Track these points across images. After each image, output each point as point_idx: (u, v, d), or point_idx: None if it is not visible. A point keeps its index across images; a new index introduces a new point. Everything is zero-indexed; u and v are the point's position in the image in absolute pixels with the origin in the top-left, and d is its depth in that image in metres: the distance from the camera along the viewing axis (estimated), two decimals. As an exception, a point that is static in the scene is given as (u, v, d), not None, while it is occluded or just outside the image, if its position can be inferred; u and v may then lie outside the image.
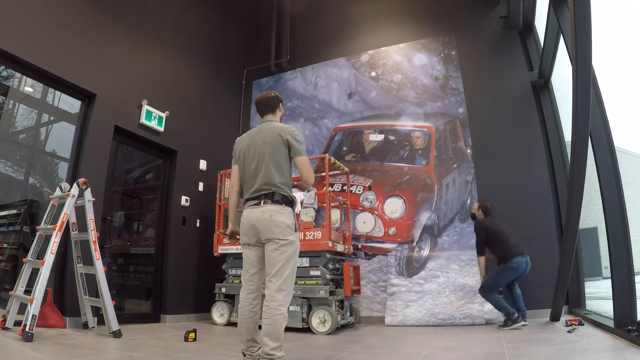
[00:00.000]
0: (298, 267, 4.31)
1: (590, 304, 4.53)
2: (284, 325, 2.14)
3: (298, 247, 2.32)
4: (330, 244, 4.33)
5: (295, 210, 2.41)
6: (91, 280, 3.54)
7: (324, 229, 4.40)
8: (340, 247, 4.65)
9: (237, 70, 6.84)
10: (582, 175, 2.86)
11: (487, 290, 4.11)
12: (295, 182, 2.58)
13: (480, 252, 4.28)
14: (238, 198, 2.53)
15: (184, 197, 5.24)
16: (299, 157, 2.34)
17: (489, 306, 4.29)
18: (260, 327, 2.19)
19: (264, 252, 2.28)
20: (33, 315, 2.83)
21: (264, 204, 2.27)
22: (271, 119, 2.53)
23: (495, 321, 4.33)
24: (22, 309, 3.02)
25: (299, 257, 4.53)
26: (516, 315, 3.93)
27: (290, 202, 2.33)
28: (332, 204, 4.95)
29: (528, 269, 4.10)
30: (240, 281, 4.66)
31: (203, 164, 5.63)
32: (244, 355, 2.29)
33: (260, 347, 2.22)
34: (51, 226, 3.28)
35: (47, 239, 3.25)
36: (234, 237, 2.52)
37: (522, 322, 3.88)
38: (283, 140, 2.33)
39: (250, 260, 2.34)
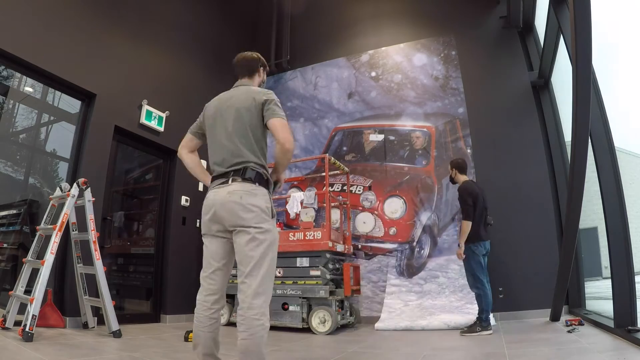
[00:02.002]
0: (298, 267, 4.39)
1: (590, 304, 4.53)
2: (266, 338, 1.66)
3: (277, 237, 1.84)
4: (330, 244, 4.33)
5: (272, 193, 1.93)
6: (91, 280, 3.54)
7: (324, 229, 4.40)
8: (340, 247, 4.65)
9: (237, 70, 6.83)
10: (582, 175, 2.86)
11: (478, 282, 3.72)
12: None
13: (468, 216, 3.75)
14: (194, 157, 2.21)
15: (184, 197, 5.24)
16: (273, 119, 1.83)
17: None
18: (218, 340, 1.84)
19: (231, 244, 1.82)
20: (33, 315, 2.83)
21: (232, 182, 1.80)
22: (247, 83, 2.07)
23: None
24: (22, 309, 3.02)
25: (301, 257, 4.56)
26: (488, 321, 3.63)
27: (266, 181, 1.86)
28: (332, 204, 4.95)
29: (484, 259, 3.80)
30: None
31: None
32: None
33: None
34: (51, 226, 3.28)
35: (47, 239, 3.25)
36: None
37: (488, 331, 3.58)
38: (257, 104, 1.87)
39: (211, 254, 1.88)
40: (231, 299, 4.76)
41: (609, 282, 3.05)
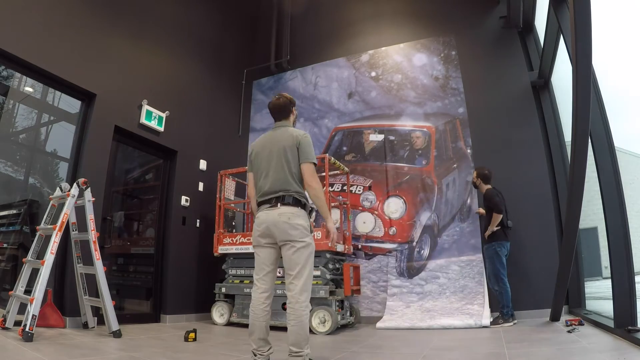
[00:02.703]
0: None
1: (590, 304, 4.53)
2: (307, 322, 2.24)
3: (314, 247, 2.39)
4: (330, 244, 4.32)
5: (310, 214, 2.51)
6: (91, 280, 3.54)
7: (324, 229, 4.40)
8: (340, 247, 4.65)
9: (237, 70, 6.84)
10: (582, 175, 2.86)
11: (500, 282, 4.13)
12: None
13: (499, 210, 4.21)
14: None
15: (184, 197, 5.24)
16: (304, 164, 2.39)
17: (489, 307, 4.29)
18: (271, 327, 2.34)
19: (279, 253, 2.37)
20: (33, 315, 2.83)
21: (280, 205, 2.32)
22: (284, 124, 2.58)
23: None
24: (22, 309, 3.02)
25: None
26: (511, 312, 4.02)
27: (303, 205, 2.39)
28: (332, 204, 4.95)
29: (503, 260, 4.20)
30: (240, 281, 4.69)
31: (203, 164, 5.64)
32: (254, 355, 2.29)
33: (271, 347, 2.33)
34: (51, 226, 3.28)
35: (47, 239, 3.25)
36: None
37: (513, 321, 3.99)
38: (295, 144, 2.40)
39: (263, 260, 2.38)
40: (231, 299, 4.77)
41: (609, 282, 3.05)
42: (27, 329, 2.77)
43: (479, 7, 5.80)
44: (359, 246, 5.30)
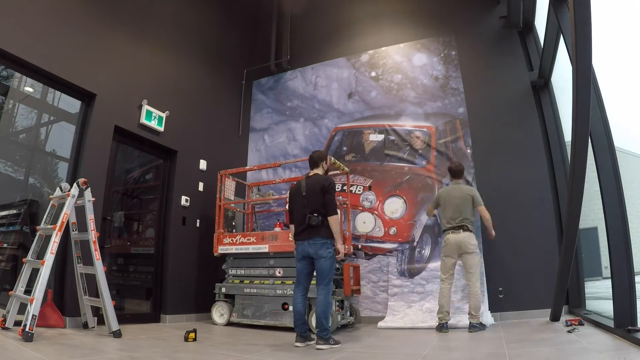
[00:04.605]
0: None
1: (590, 304, 4.53)
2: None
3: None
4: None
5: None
6: (91, 280, 3.54)
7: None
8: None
9: (237, 70, 6.84)
10: (582, 175, 2.86)
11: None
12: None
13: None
14: None
15: (184, 197, 5.24)
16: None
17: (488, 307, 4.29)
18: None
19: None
20: (33, 315, 2.83)
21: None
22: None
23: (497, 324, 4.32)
24: (22, 309, 3.02)
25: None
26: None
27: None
28: (332, 204, 4.94)
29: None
30: (240, 281, 4.71)
31: (203, 164, 5.63)
32: (440, 321, 3.92)
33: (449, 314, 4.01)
34: (51, 226, 3.28)
35: (47, 239, 3.25)
36: None
37: (296, 343, 3.33)
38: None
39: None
40: (231, 299, 4.77)
41: (609, 282, 3.05)
42: (27, 329, 2.77)
43: (479, 7, 5.80)
44: (359, 246, 5.30)
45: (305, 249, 3.38)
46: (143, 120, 4.77)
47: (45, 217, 3.48)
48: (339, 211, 3.58)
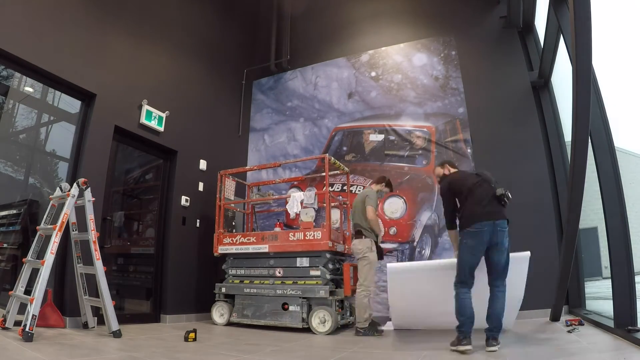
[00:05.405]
0: (298, 267, 4.42)
1: (590, 304, 4.53)
2: (366, 303, 3.91)
3: (372, 260, 4.08)
4: (330, 244, 4.33)
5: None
6: (91, 280, 3.54)
7: (324, 229, 4.40)
8: (340, 247, 4.65)
9: (237, 70, 6.84)
10: (582, 175, 2.86)
11: (455, 281, 2.97)
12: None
13: (448, 224, 3.41)
14: None
15: (184, 197, 5.24)
16: (367, 206, 4.06)
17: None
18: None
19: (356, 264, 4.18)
20: (33, 315, 2.83)
21: (355, 234, 4.18)
22: (370, 185, 4.42)
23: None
24: (22, 309, 3.02)
25: (301, 257, 4.62)
26: (464, 334, 2.74)
27: (368, 233, 4.09)
28: (332, 204, 4.94)
29: (500, 241, 2.89)
30: (240, 281, 4.70)
31: (203, 164, 5.63)
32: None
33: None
34: (51, 226, 3.28)
35: (47, 239, 3.25)
36: None
37: (468, 346, 2.66)
38: (363, 198, 4.13)
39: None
40: (231, 299, 4.77)
41: (609, 282, 3.05)
42: (27, 329, 2.77)
43: (479, 7, 5.80)
44: (359, 246, 5.29)
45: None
46: (143, 120, 4.77)
47: (45, 217, 3.48)
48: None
